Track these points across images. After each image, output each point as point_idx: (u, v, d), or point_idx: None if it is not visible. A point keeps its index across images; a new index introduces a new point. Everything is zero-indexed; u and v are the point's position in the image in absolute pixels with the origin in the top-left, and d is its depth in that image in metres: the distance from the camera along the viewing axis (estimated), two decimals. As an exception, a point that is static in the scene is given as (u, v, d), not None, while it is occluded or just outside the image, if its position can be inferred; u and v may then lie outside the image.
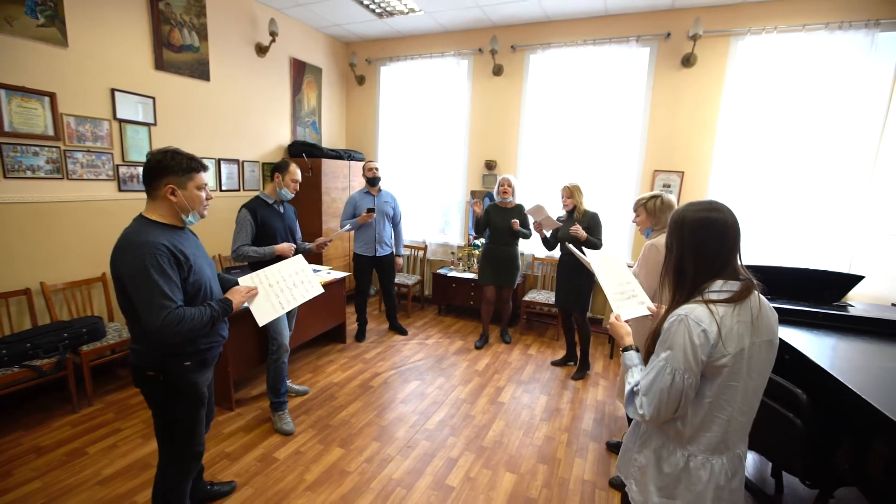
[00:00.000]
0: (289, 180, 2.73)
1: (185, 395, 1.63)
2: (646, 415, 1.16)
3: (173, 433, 1.67)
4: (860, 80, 3.45)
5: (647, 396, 1.16)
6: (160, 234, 1.50)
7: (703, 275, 1.16)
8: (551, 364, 3.78)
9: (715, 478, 1.17)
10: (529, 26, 4.51)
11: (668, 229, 1.25)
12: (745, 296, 1.12)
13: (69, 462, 2.34)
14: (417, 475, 2.35)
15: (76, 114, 2.98)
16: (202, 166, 1.61)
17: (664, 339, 1.16)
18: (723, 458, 1.18)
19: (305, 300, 2.04)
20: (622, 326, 1.41)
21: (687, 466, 1.19)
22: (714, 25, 3.83)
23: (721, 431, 1.16)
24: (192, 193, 1.58)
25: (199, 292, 1.61)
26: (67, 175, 2.98)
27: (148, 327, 1.45)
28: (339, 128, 5.57)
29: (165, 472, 1.71)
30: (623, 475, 1.41)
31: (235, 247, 2.61)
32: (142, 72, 3.35)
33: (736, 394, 1.14)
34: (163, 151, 1.54)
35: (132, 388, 3.10)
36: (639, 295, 1.60)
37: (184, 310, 1.50)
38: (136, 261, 1.43)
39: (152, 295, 1.43)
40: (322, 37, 5.10)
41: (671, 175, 4.19)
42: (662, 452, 1.24)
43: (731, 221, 1.16)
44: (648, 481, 1.27)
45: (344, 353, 3.84)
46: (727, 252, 1.16)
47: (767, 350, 1.16)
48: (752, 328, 1.12)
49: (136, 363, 1.58)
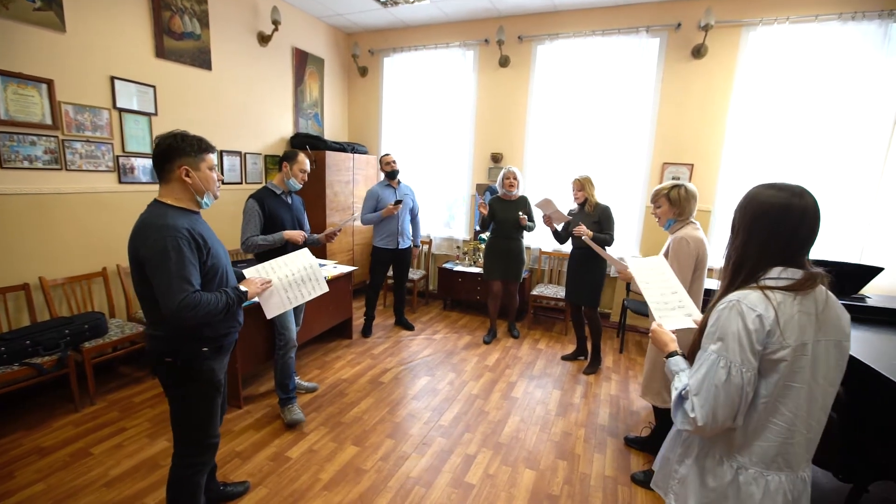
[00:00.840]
0: (297, 170, 2.65)
1: (202, 381, 1.61)
2: (698, 419, 0.99)
3: (189, 422, 1.64)
4: (873, 72, 3.42)
5: (699, 397, 1.00)
6: (179, 217, 1.50)
7: (764, 263, 1.03)
8: (561, 359, 3.74)
9: (770, 498, 1.00)
10: (537, 16, 4.43)
11: (738, 212, 1.10)
12: (808, 286, 0.98)
13: (73, 463, 2.25)
14: (435, 473, 2.30)
15: (75, 102, 2.87)
16: (211, 147, 1.61)
17: (712, 330, 1.02)
18: (781, 476, 1.01)
19: (311, 298, 1.98)
20: (665, 333, 1.27)
21: (736, 480, 1.04)
22: (725, 15, 3.78)
23: (778, 442, 1.00)
24: (205, 174, 1.58)
25: (216, 276, 1.59)
26: (66, 166, 2.87)
27: (164, 310, 1.43)
28: (341, 120, 5.47)
29: (179, 465, 1.67)
30: (661, 490, 1.26)
31: (245, 237, 2.52)
32: (142, 59, 3.24)
33: (798, 398, 0.99)
34: (171, 135, 1.53)
35: (136, 386, 3.01)
36: (686, 306, 1.48)
37: (200, 294, 1.48)
38: (156, 244, 1.42)
39: (171, 278, 1.41)
40: (324, 27, 4.98)
41: (680, 168, 4.15)
42: (707, 463, 1.09)
43: (812, 210, 1.00)
44: (689, 496, 1.11)
45: (351, 349, 3.77)
46: (799, 243, 1.02)
47: (836, 354, 1.01)
48: (817, 323, 0.98)
49: (154, 349, 1.56)
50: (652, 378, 2.22)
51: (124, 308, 3.26)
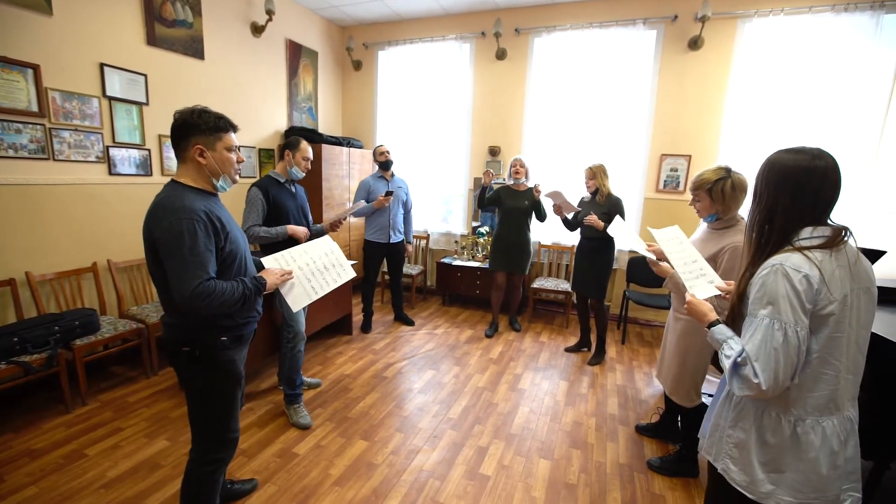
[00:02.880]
0: (300, 158, 2.56)
1: (222, 372, 1.51)
2: (762, 383, 1.01)
3: (208, 416, 1.54)
4: (865, 62, 3.48)
5: (760, 361, 1.02)
6: (196, 199, 1.40)
7: (792, 224, 1.06)
8: (565, 350, 3.71)
9: (828, 442, 1.05)
10: (534, 9, 4.42)
11: (760, 178, 1.13)
12: (838, 242, 1.04)
13: (67, 465, 2.14)
14: (449, 465, 2.24)
15: (62, 89, 2.74)
16: (231, 125, 1.49)
17: (759, 295, 1.04)
18: (833, 419, 1.06)
19: (339, 285, 1.89)
20: (702, 303, 1.27)
21: (794, 433, 1.07)
22: (721, 7, 3.81)
23: (829, 390, 1.05)
24: (221, 155, 1.46)
25: (234, 263, 1.49)
26: (53, 155, 2.73)
27: (176, 297, 1.34)
28: (335, 114, 5.38)
29: (198, 461, 1.57)
30: (714, 457, 1.24)
31: (246, 227, 2.43)
32: (133, 47, 3.11)
33: (842, 346, 1.03)
34: (189, 110, 1.43)
35: (130, 385, 2.89)
36: (707, 273, 1.48)
37: (215, 283, 1.38)
38: (171, 226, 1.32)
39: (185, 263, 1.32)
40: (318, 19, 4.89)
41: (678, 159, 4.17)
42: (764, 421, 1.11)
43: (833, 170, 1.05)
44: (752, 457, 1.13)
45: (352, 345, 3.68)
46: (824, 204, 1.06)
47: (867, 300, 1.07)
48: (852, 275, 1.03)
49: (170, 336, 1.47)
50: (681, 379, 2.08)
51: (116, 305, 3.12)
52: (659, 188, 4.26)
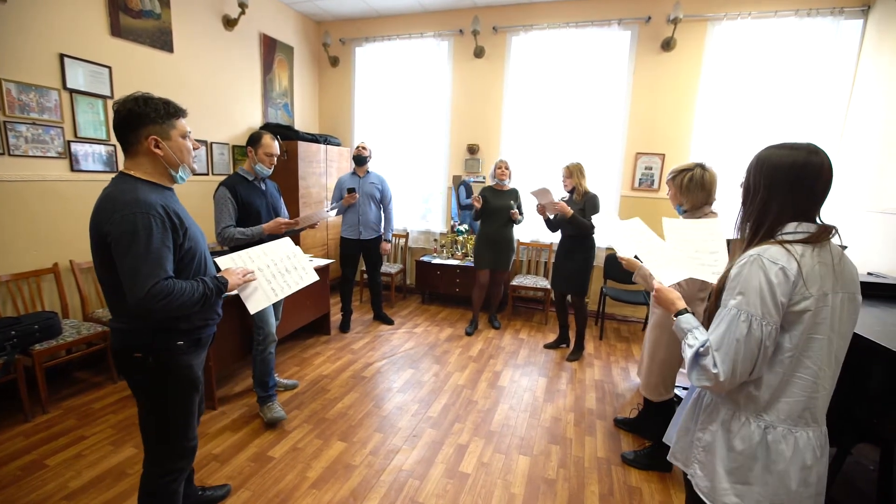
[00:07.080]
0: (262, 154, 2.46)
1: (178, 379, 1.42)
2: (720, 374, 0.98)
3: (165, 425, 1.45)
4: (826, 64, 3.64)
5: (720, 352, 0.99)
6: (151, 192, 1.30)
7: (784, 219, 1.03)
8: (544, 347, 3.74)
9: (800, 455, 0.98)
10: (511, 7, 4.43)
11: (753, 173, 1.08)
12: (823, 239, 1.00)
13: (26, 476, 2.02)
14: (428, 464, 2.22)
15: (17, 80, 2.59)
16: (181, 110, 1.39)
17: (733, 285, 1.01)
18: (808, 431, 1.00)
19: (300, 288, 1.86)
20: (670, 291, 1.25)
21: (764, 440, 1.01)
22: (693, 10, 3.91)
23: (805, 397, 0.99)
24: (177, 143, 1.37)
25: (194, 262, 1.41)
26: (9, 150, 2.59)
27: (130, 298, 1.24)
28: (312, 111, 5.28)
29: (154, 473, 1.48)
30: (681, 462, 1.20)
31: (220, 228, 2.35)
32: (96, 37, 2.98)
33: (820, 350, 0.98)
34: (132, 99, 1.31)
35: (95, 391, 2.76)
36: (675, 259, 1.50)
37: (173, 282, 1.29)
38: (124, 221, 1.22)
39: (139, 262, 1.23)
40: (293, 13, 4.79)
41: (653, 157, 4.26)
42: (733, 425, 1.05)
43: (828, 166, 1.02)
44: (716, 462, 1.07)
45: (330, 345, 3.62)
46: (816, 199, 1.03)
47: (850, 307, 1.01)
48: (835, 275, 0.99)
49: (120, 344, 1.36)
50: (650, 373, 2.14)
51: (79, 307, 2.98)
52: (634, 186, 4.34)
